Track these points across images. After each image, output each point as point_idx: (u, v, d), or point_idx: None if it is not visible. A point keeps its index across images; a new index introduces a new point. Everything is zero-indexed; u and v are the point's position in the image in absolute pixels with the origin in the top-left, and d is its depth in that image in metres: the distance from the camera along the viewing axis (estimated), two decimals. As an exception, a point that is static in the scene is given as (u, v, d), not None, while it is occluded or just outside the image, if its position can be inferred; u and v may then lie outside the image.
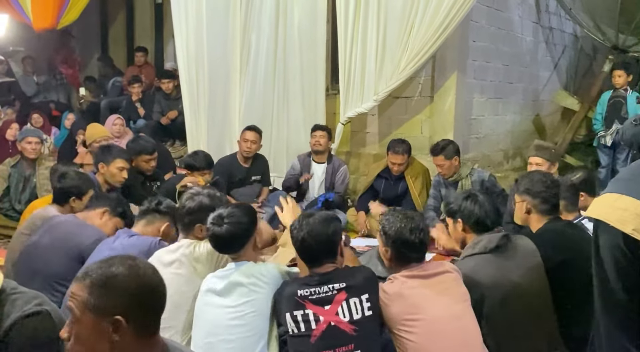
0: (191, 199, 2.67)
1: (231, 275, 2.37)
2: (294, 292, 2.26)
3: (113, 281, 1.44)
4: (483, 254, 2.51)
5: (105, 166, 4.09)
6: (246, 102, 6.23)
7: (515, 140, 7.08)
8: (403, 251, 2.34)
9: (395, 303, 2.25)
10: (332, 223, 2.37)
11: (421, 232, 2.34)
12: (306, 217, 2.37)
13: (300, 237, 2.32)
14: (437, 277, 2.31)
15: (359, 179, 6.23)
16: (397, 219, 2.36)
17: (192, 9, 6.01)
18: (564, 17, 7.71)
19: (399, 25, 5.35)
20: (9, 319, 1.79)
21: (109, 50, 9.94)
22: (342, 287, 2.23)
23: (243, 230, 2.44)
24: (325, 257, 2.32)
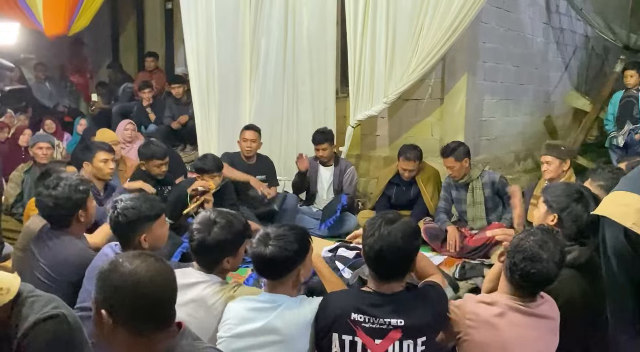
0: (208, 234, 2.31)
1: (271, 313, 2.10)
2: (347, 313, 2.03)
3: (109, 275, 1.48)
4: (569, 268, 2.33)
5: (89, 164, 4.13)
6: (256, 105, 6.25)
7: (526, 141, 7.05)
8: (518, 281, 2.09)
9: (480, 331, 2.06)
10: (416, 240, 2.12)
11: (548, 273, 2.05)
12: (387, 225, 2.06)
13: (378, 247, 2.03)
14: (541, 320, 2.10)
15: (369, 182, 6.23)
16: (531, 243, 2.08)
17: (202, 14, 6.04)
18: (574, 17, 7.68)
19: (408, 27, 5.34)
20: (27, 322, 1.81)
21: (119, 56, 10.01)
22: (399, 326, 2.01)
23: (289, 258, 2.14)
24: (396, 276, 2.09)
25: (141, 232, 2.52)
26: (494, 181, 4.67)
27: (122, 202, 2.54)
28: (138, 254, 1.54)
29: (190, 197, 4.25)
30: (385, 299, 2.05)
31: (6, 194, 5.17)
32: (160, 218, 2.61)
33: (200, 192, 4.26)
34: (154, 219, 2.56)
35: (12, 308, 1.90)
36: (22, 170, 5.15)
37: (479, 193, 4.64)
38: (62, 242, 2.78)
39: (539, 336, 2.08)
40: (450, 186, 4.85)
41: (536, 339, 2.07)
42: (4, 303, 1.84)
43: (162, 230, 2.64)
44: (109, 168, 4.15)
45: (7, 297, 1.85)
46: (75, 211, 2.81)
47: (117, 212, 2.51)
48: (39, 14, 7.36)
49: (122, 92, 8.52)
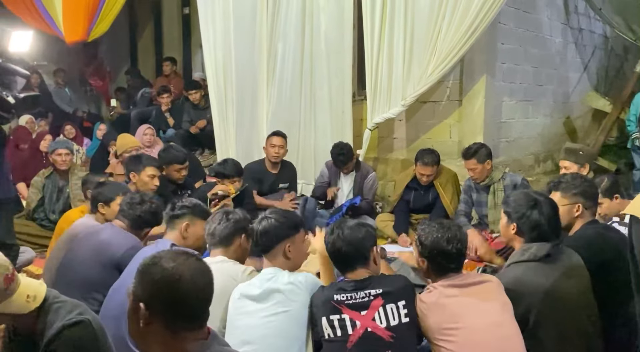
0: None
1: (269, 281, 2.37)
2: (330, 297, 2.26)
3: (150, 270, 1.48)
4: (532, 261, 2.44)
5: (136, 175, 4.15)
6: (274, 109, 6.26)
7: (546, 143, 6.99)
8: (440, 261, 2.31)
9: (433, 313, 2.23)
10: (364, 228, 2.38)
11: (458, 242, 2.31)
12: (339, 223, 2.40)
13: (331, 241, 2.35)
14: (476, 286, 2.29)
15: (387, 185, 6.21)
16: (434, 229, 2.33)
17: (219, 18, 6.08)
18: (593, 17, 7.60)
19: (426, 29, 5.32)
20: (53, 328, 1.84)
21: (138, 61, 10.10)
22: (379, 293, 2.23)
23: (278, 229, 2.48)
24: (357, 262, 2.33)
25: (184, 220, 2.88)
26: (516, 183, 4.61)
27: None
28: (181, 252, 1.56)
29: (210, 201, 4.27)
30: (360, 282, 2.28)
31: (28, 199, 5.24)
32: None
33: (220, 197, 4.29)
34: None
35: (38, 314, 1.92)
36: (43, 175, 5.21)
37: (501, 196, 4.58)
38: (110, 228, 3.10)
39: (481, 298, 2.24)
40: (471, 188, 4.82)
41: (480, 301, 2.23)
42: (31, 310, 1.87)
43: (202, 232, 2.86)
44: (154, 184, 4.17)
45: (34, 305, 1.88)
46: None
47: None
48: (59, 21, 7.48)
49: (140, 97, 8.60)
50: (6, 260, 1.89)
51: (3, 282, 1.83)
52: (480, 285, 2.29)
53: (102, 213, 3.50)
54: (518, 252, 2.53)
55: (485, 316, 2.20)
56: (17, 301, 1.87)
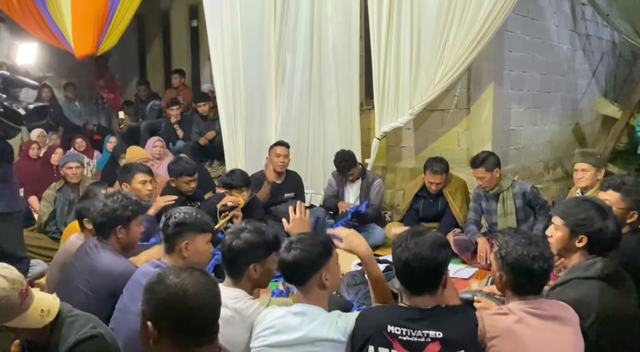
0: (237, 238, 2.36)
1: (305, 327, 2.11)
2: (384, 326, 2.01)
3: (156, 288, 1.48)
4: (596, 279, 2.27)
5: (128, 185, 4.17)
6: (282, 120, 6.29)
7: (555, 150, 6.96)
8: (522, 281, 2.10)
9: (504, 340, 2.02)
10: (444, 250, 2.10)
11: (545, 262, 2.08)
12: (414, 237, 2.09)
13: (404, 259, 2.05)
14: (556, 322, 2.08)
15: (396, 193, 6.21)
16: (519, 243, 2.10)
17: (227, 30, 6.13)
18: (600, 24, 7.59)
19: (433, 38, 5.34)
20: (67, 342, 1.85)
21: (147, 74, 10.18)
22: (438, 338, 1.97)
23: (309, 260, 2.19)
24: (427, 287, 2.07)
25: (184, 239, 2.57)
26: (525, 191, 4.60)
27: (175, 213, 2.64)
28: (185, 268, 1.55)
29: (220, 212, 4.29)
30: (422, 313, 2.03)
31: (40, 212, 5.28)
32: (206, 235, 2.66)
33: (230, 208, 4.31)
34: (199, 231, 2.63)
35: (52, 328, 1.94)
36: (54, 188, 5.25)
37: (510, 204, 4.57)
38: (102, 251, 2.83)
39: (558, 337, 2.05)
40: (480, 196, 4.81)
41: (556, 340, 2.04)
42: (45, 324, 1.88)
43: (205, 246, 2.67)
44: (147, 189, 4.19)
45: (48, 319, 1.89)
46: (115, 225, 2.84)
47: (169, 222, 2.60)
48: (69, 35, 7.57)
49: (149, 110, 8.65)
50: (21, 276, 1.91)
51: (18, 297, 1.85)
52: (562, 322, 2.09)
53: (89, 228, 3.21)
54: (581, 266, 2.34)
55: None
56: (32, 316, 1.88)
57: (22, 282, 1.88)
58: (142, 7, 7.79)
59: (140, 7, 7.72)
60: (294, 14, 6.02)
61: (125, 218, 2.86)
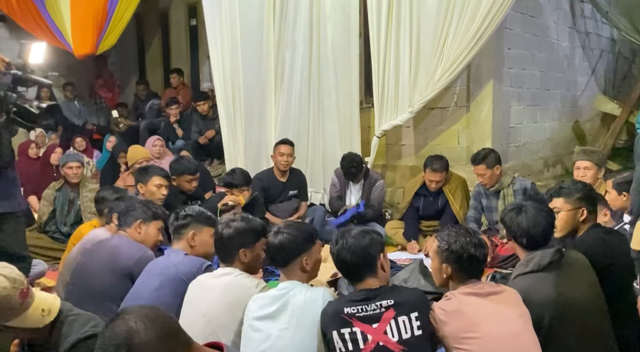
0: (227, 226, 2.61)
1: (284, 296, 2.31)
2: (340, 310, 2.18)
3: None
4: (537, 272, 2.40)
5: (143, 186, 4.17)
6: (282, 118, 6.28)
7: (554, 147, 6.97)
8: (466, 266, 2.28)
9: (453, 321, 2.18)
10: (369, 235, 2.31)
11: (483, 248, 2.30)
12: (343, 232, 2.34)
13: (336, 251, 2.30)
14: (496, 296, 2.25)
15: (396, 192, 6.21)
16: (460, 234, 2.30)
17: (226, 29, 6.12)
18: (600, 21, 7.59)
19: (432, 36, 5.34)
20: (67, 341, 1.85)
21: (146, 73, 10.17)
22: (390, 305, 2.15)
23: (294, 243, 2.42)
24: (364, 272, 2.26)
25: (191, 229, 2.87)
26: (525, 187, 4.62)
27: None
28: (121, 316, 1.47)
29: (221, 212, 4.29)
30: (371, 292, 2.21)
31: (39, 212, 5.28)
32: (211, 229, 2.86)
33: (230, 207, 4.30)
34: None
35: (53, 327, 1.94)
36: (54, 188, 5.24)
37: (511, 200, 4.58)
38: (123, 239, 3.06)
39: (499, 306, 2.20)
40: (481, 194, 4.81)
41: (497, 309, 2.19)
42: (45, 324, 1.88)
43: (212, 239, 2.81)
44: (162, 194, 4.16)
45: (49, 318, 1.90)
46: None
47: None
48: (68, 34, 7.56)
49: (148, 109, 8.65)
50: (21, 275, 1.91)
51: (19, 297, 1.85)
52: (500, 294, 2.25)
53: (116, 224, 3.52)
54: (522, 263, 2.49)
55: (504, 325, 2.16)
56: (32, 315, 1.89)
57: (22, 282, 1.88)
58: (141, 6, 7.78)
59: (139, 6, 7.71)
60: (293, 12, 6.01)
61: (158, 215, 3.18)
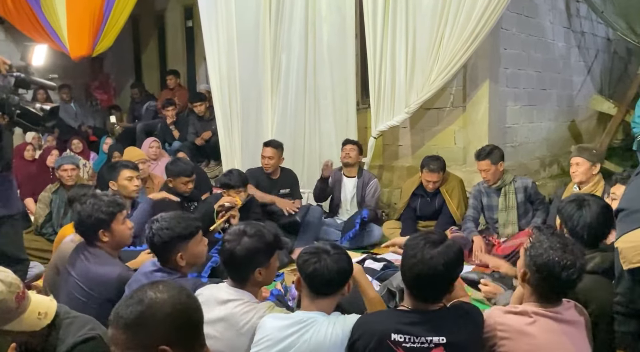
0: (239, 244, 2.32)
1: (303, 337, 2.06)
2: (387, 334, 1.95)
3: (144, 316, 1.43)
4: (595, 274, 2.31)
5: (115, 183, 4.17)
6: (278, 119, 6.28)
7: (551, 147, 6.98)
8: (546, 287, 2.05)
9: (515, 342, 2.00)
10: (459, 267, 2.06)
11: (575, 272, 1.99)
12: (430, 247, 1.99)
13: (416, 271, 1.99)
14: (571, 326, 2.06)
15: (393, 192, 6.21)
16: (553, 246, 2.02)
17: (222, 31, 6.12)
18: (595, 21, 7.60)
19: (428, 37, 5.35)
20: (65, 344, 1.85)
21: (142, 75, 10.16)
22: (442, 344, 1.94)
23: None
24: (436, 298, 2.04)
25: (177, 251, 2.54)
26: (526, 186, 4.66)
27: (157, 223, 2.57)
28: (154, 285, 1.51)
29: (217, 213, 4.28)
30: (424, 317, 1.98)
31: (36, 215, 5.26)
32: (197, 236, 2.63)
33: (227, 208, 4.30)
34: (189, 237, 2.58)
35: (49, 331, 1.93)
36: (50, 190, 5.23)
37: (512, 198, 4.62)
38: (93, 258, 2.79)
39: (571, 341, 2.03)
40: (481, 193, 4.82)
41: (569, 344, 2.02)
42: (42, 327, 1.88)
43: (199, 247, 2.66)
44: (134, 185, 4.17)
45: (45, 321, 1.89)
46: (96, 229, 2.81)
47: (152, 232, 2.54)
48: (64, 36, 7.55)
49: (145, 111, 8.64)
50: (17, 278, 1.90)
51: (15, 300, 1.84)
52: (574, 326, 2.07)
53: None
54: None
55: None
56: (29, 319, 1.88)
57: (18, 285, 1.87)
58: (137, 8, 7.78)
59: (135, 8, 7.70)
60: (289, 13, 6.01)
61: (103, 221, 2.81)
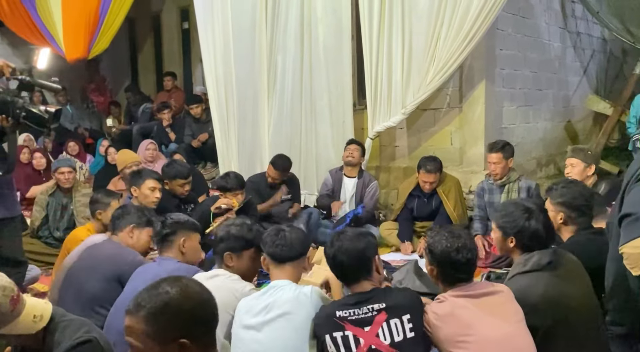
0: (222, 228, 2.69)
1: (274, 293, 2.33)
2: (332, 313, 2.19)
3: (169, 306, 1.44)
4: (536, 271, 2.39)
5: (137, 189, 4.17)
6: (275, 121, 6.28)
7: (547, 147, 6.99)
8: (450, 271, 2.25)
9: (446, 324, 2.16)
10: (365, 238, 2.33)
11: (469, 252, 2.23)
12: (338, 234, 2.35)
13: (332, 254, 2.30)
14: (488, 297, 2.22)
15: (389, 193, 6.21)
16: (443, 237, 2.26)
17: (218, 32, 6.12)
18: (591, 21, 7.62)
19: (424, 37, 5.35)
20: (61, 347, 1.84)
21: (138, 77, 10.15)
22: (382, 308, 2.15)
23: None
24: (360, 274, 2.27)
25: (182, 236, 2.83)
26: (530, 186, 4.68)
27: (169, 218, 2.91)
28: (172, 278, 1.55)
29: (214, 215, 4.28)
30: (363, 295, 2.21)
31: (32, 218, 5.24)
32: (197, 234, 2.94)
33: (224, 210, 4.29)
34: (194, 230, 2.94)
35: (45, 334, 1.93)
36: (46, 193, 5.21)
37: (515, 196, 4.62)
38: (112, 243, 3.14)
39: (492, 307, 2.18)
40: (484, 190, 4.82)
41: (493, 312, 2.17)
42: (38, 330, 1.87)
43: (197, 244, 2.92)
44: (155, 197, 4.16)
45: (41, 324, 1.88)
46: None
47: (164, 221, 2.88)
48: (60, 39, 7.53)
49: (141, 113, 8.63)
50: (11, 282, 1.89)
51: (9, 304, 1.84)
52: (493, 295, 2.23)
53: (98, 219, 3.79)
54: (520, 262, 2.47)
55: (498, 327, 2.15)
56: (24, 322, 1.87)
57: (12, 289, 1.87)
58: (133, 10, 7.77)
59: (131, 10, 7.69)
60: (285, 15, 6.01)
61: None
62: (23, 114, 2.98)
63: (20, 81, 3.08)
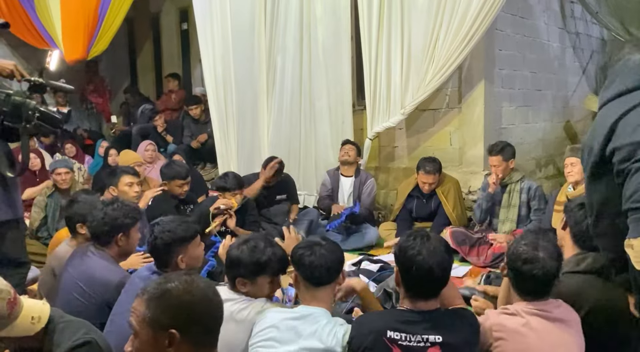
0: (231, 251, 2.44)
1: (306, 330, 2.09)
2: (382, 331, 1.98)
3: (168, 296, 1.48)
4: (588, 273, 2.33)
5: (115, 189, 4.17)
6: (274, 122, 6.28)
7: (546, 148, 6.98)
8: (522, 285, 2.12)
9: (512, 341, 2.04)
10: (451, 252, 2.12)
11: (537, 270, 2.05)
12: (427, 241, 2.05)
13: (427, 267, 2.02)
14: (562, 324, 2.09)
15: (389, 193, 6.21)
16: (525, 242, 2.10)
17: (217, 33, 6.11)
18: (590, 21, 7.61)
19: (423, 38, 5.35)
20: (60, 349, 1.83)
21: (137, 78, 10.14)
22: (438, 342, 1.95)
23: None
24: (435, 291, 2.06)
25: (178, 253, 2.58)
26: (530, 187, 4.68)
27: (158, 226, 2.62)
28: (188, 273, 1.58)
29: (213, 215, 4.28)
30: (422, 316, 2.00)
31: (31, 219, 5.24)
32: (196, 239, 2.68)
33: (223, 211, 4.29)
34: (189, 240, 2.63)
35: (44, 335, 1.92)
36: (45, 194, 5.22)
37: (516, 196, 4.64)
38: (100, 260, 2.82)
39: (564, 339, 2.07)
40: (488, 185, 4.81)
41: (561, 342, 2.06)
42: (36, 331, 1.86)
43: (197, 250, 2.71)
44: (134, 191, 4.18)
45: (39, 326, 1.88)
46: (116, 233, 2.86)
47: (154, 235, 2.59)
48: (59, 40, 7.52)
49: (140, 114, 8.62)
50: (7, 284, 1.88)
51: (6, 306, 1.83)
52: (567, 324, 2.11)
53: (82, 233, 3.21)
54: (572, 261, 2.39)
55: None
56: (22, 324, 1.87)
57: (8, 291, 1.86)
58: (132, 10, 7.76)
59: (130, 11, 7.68)
60: (284, 15, 6.01)
61: (126, 225, 2.88)
62: (37, 114, 2.99)
63: (33, 83, 3.07)
